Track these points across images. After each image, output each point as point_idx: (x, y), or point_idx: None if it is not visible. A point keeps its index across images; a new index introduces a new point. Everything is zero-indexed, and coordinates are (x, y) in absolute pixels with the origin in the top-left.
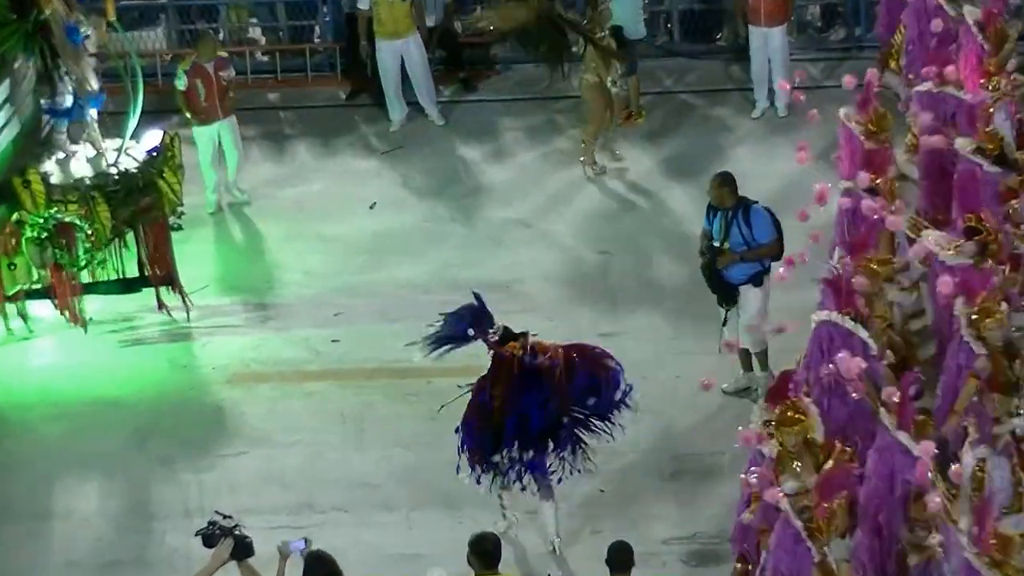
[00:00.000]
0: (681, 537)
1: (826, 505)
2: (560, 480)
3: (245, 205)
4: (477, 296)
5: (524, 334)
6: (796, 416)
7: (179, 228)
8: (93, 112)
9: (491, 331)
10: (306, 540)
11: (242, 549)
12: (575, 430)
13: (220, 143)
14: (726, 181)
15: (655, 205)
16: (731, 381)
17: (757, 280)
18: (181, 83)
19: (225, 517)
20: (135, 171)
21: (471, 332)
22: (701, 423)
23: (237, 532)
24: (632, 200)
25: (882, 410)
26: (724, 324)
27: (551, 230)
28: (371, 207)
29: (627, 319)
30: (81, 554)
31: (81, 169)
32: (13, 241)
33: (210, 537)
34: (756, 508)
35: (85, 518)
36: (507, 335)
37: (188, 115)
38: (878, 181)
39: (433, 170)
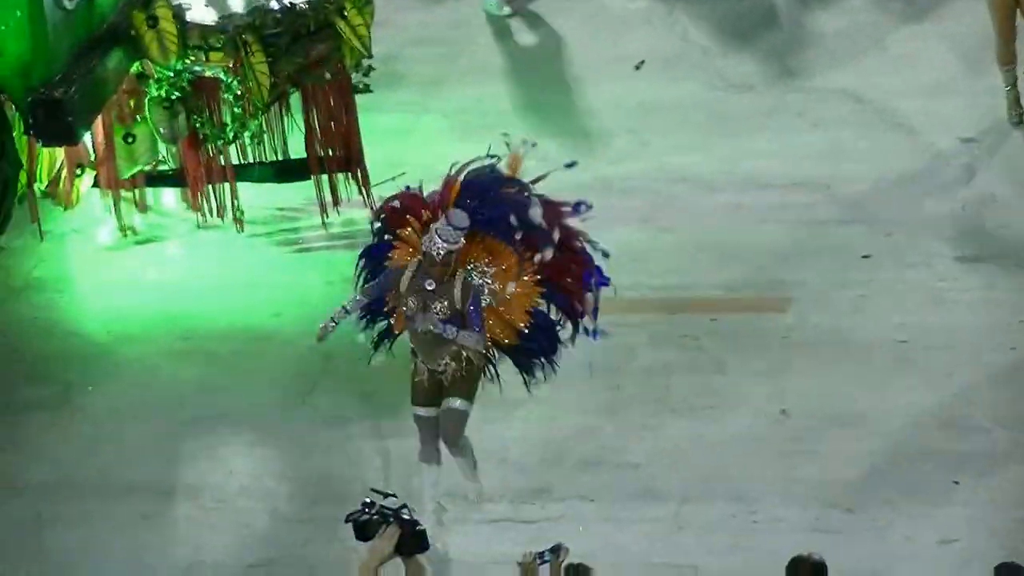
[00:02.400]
0: None
1: None
2: None
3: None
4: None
5: None
6: None
7: (366, 90)
8: None
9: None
10: (558, 548)
11: (412, 540)
12: None
13: None
14: None
15: None
16: None
17: None
18: None
19: (386, 496)
20: (305, 7)
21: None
22: None
23: (405, 516)
24: None
25: None
26: None
27: (894, 107)
28: (636, 67)
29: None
30: (215, 549)
31: (229, 3)
32: (132, 103)
33: (366, 525)
34: None
35: (223, 499)
36: None
37: None
38: None
39: (728, 14)
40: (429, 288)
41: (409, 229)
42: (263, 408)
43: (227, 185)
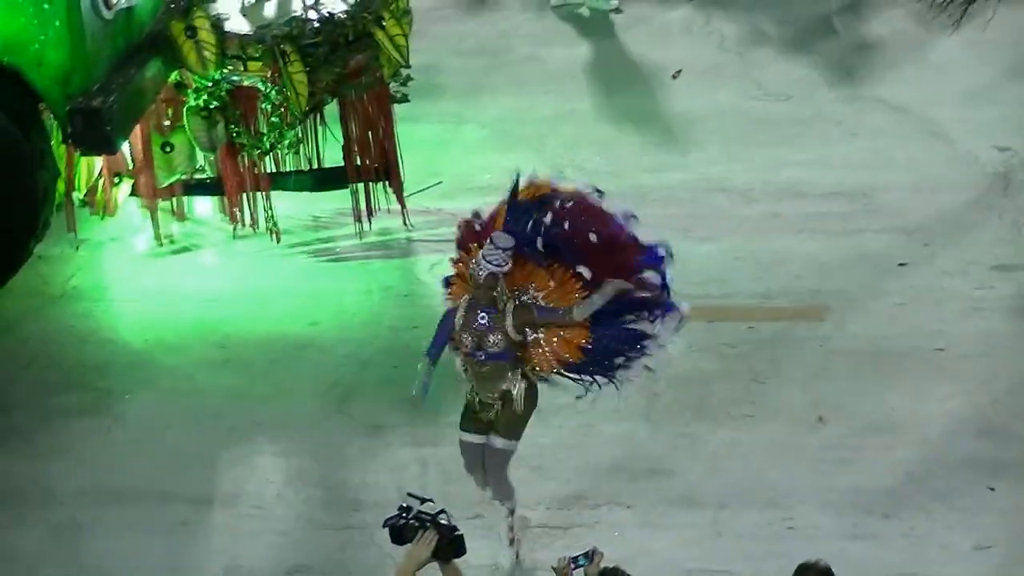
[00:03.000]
0: None
1: None
2: None
3: (613, 13)
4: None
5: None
6: None
7: (404, 100)
8: None
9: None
10: (592, 552)
11: (450, 546)
12: None
13: None
14: None
15: None
16: None
17: None
18: None
19: (423, 501)
20: (343, 17)
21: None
22: None
23: (443, 521)
24: None
25: None
26: None
27: (932, 116)
28: (674, 77)
29: None
30: (252, 556)
31: (267, 13)
32: (171, 113)
33: (402, 529)
34: None
35: (260, 506)
36: None
37: None
38: None
39: (766, 23)
40: (482, 322)
41: (461, 264)
42: (300, 417)
43: (264, 194)
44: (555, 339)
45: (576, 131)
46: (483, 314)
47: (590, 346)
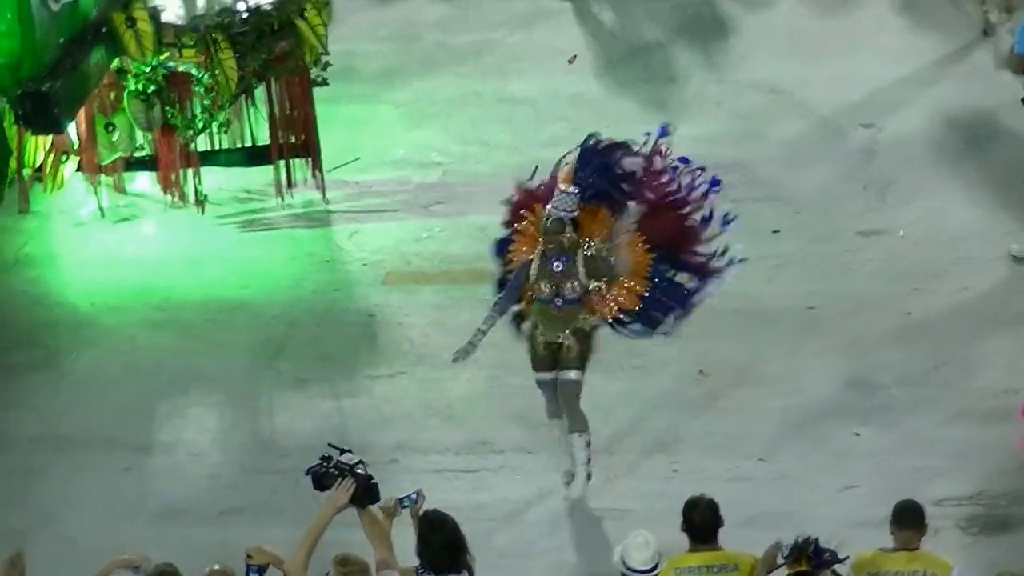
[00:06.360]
0: (959, 497)
1: None
2: None
3: None
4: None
5: None
6: None
7: (323, 83)
8: None
9: None
10: (417, 494)
11: (366, 493)
12: None
13: None
14: None
15: None
16: None
17: None
18: None
19: (342, 451)
20: (268, 8)
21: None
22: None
23: (359, 471)
24: None
25: None
26: None
27: (805, 97)
28: (570, 61)
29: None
30: (188, 498)
31: (200, 5)
32: (112, 96)
33: (323, 477)
34: None
35: (196, 453)
36: None
37: None
38: None
39: (652, 12)
40: (558, 270)
41: (526, 221)
42: (233, 372)
43: (195, 170)
44: (617, 288)
45: (480, 110)
46: (558, 263)
47: (647, 294)
